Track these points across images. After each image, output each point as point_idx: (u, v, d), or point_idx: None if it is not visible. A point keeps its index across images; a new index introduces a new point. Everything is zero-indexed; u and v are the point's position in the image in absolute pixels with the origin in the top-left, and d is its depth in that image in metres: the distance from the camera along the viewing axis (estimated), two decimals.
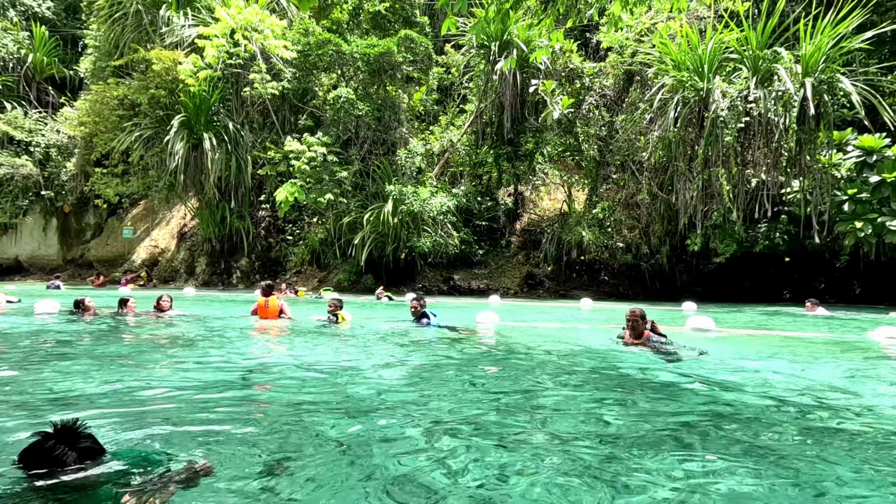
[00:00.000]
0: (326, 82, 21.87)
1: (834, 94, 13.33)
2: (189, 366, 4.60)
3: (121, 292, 14.79)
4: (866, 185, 14.76)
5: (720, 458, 2.30)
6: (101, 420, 2.91)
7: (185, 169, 20.17)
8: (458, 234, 18.94)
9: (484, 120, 19.77)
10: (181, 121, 20.03)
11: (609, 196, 18.71)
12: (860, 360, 5.43)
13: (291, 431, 2.70)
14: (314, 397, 3.51)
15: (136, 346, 5.90)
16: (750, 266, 17.89)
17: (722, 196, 15.02)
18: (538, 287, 19.35)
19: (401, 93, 20.40)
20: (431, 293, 18.40)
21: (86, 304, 8.51)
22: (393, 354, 5.34)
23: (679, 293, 17.98)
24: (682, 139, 14.84)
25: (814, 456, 2.38)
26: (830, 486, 2.01)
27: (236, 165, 20.90)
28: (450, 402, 3.35)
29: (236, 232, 22.41)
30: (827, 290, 18.42)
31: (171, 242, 25.97)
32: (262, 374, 4.46)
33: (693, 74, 14.34)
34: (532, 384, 4.04)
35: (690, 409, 3.21)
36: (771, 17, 13.45)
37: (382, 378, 4.16)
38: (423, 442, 2.55)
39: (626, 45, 16.69)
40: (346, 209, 19.30)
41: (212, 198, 21.16)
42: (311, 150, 18.45)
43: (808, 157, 14.18)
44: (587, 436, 2.67)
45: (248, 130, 21.31)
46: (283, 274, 22.27)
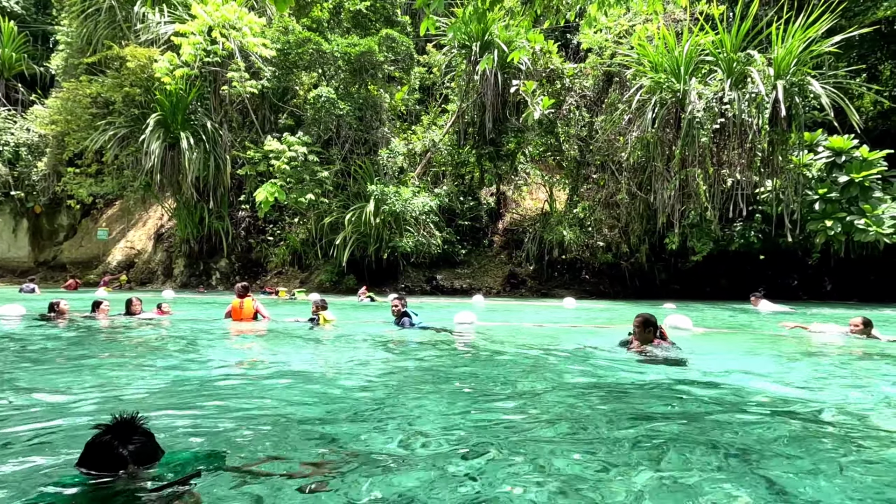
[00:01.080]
0: (307, 81, 21.65)
1: (804, 96, 13.70)
2: (157, 370, 4.50)
3: (97, 295, 14.44)
4: (836, 184, 15.23)
5: (698, 461, 2.35)
6: (72, 426, 2.83)
7: (161, 168, 19.76)
8: (440, 234, 18.94)
9: (466, 120, 19.81)
10: (157, 119, 19.62)
11: (589, 196, 18.92)
12: (833, 358, 5.59)
13: (265, 435, 2.67)
14: (288, 400, 3.47)
15: (107, 349, 5.76)
16: (726, 264, 18.28)
17: (699, 196, 15.32)
18: (520, 286, 19.47)
19: (382, 92, 20.31)
20: (414, 293, 18.37)
21: (60, 307, 8.28)
22: (372, 356, 5.31)
23: (658, 291, 18.28)
24: (660, 140, 15.09)
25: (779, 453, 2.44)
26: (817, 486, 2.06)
27: (215, 165, 20.56)
28: (428, 403, 3.35)
29: (215, 233, 22.05)
30: (800, 286, 18.93)
31: (147, 244, 25.43)
32: (236, 377, 4.40)
33: (670, 76, 14.60)
34: (511, 384, 4.06)
35: (668, 412, 3.26)
36: (744, 21, 13.75)
37: (359, 379, 4.14)
38: (400, 444, 2.55)
39: (606, 46, 16.91)
40: (328, 209, 19.15)
41: (189, 198, 20.77)
42: (291, 149, 18.25)
43: (780, 158, 14.55)
44: (565, 438, 2.70)
45: (227, 130, 20.97)
46: (264, 275, 22.00)
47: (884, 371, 4.76)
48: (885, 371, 4.76)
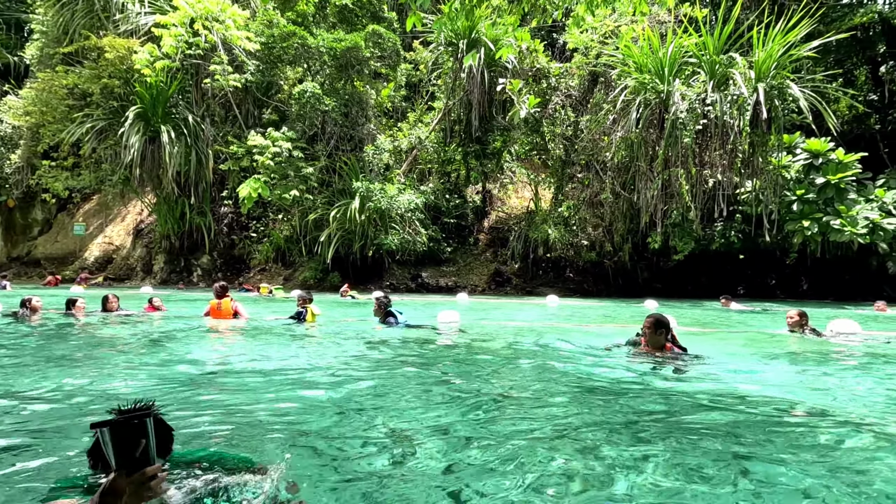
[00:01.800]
0: (291, 76, 21.39)
1: (784, 99, 13.99)
2: (134, 368, 4.41)
3: (71, 292, 14.09)
4: (813, 186, 15.60)
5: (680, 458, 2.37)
6: (44, 425, 2.75)
7: (141, 163, 19.33)
8: (425, 232, 18.90)
9: (452, 117, 19.79)
10: (137, 112, 19.19)
11: (574, 195, 19.07)
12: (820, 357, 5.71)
13: (248, 435, 2.62)
14: (268, 399, 3.42)
15: (82, 347, 5.62)
16: (707, 263, 18.59)
17: (681, 196, 15.56)
18: (505, 284, 19.55)
19: (368, 88, 20.17)
20: (399, 291, 18.31)
21: (32, 304, 8.04)
22: (355, 354, 5.27)
23: (640, 290, 18.51)
24: (644, 140, 15.27)
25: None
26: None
27: (196, 160, 20.20)
28: (411, 402, 3.34)
29: (197, 229, 21.67)
30: (778, 285, 19.36)
31: (126, 239, 24.89)
32: (214, 375, 4.32)
33: (654, 77, 14.77)
34: (494, 383, 4.06)
35: (652, 409, 3.29)
36: (727, 24, 13.98)
37: (342, 378, 4.10)
38: (381, 443, 2.53)
39: (591, 46, 17.03)
40: (312, 206, 18.95)
41: (170, 193, 20.37)
42: (275, 145, 18.01)
43: (760, 159, 14.84)
44: (546, 435, 2.71)
45: (209, 124, 20.61)
46: (247, 272, 21.71)
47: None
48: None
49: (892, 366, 4.95)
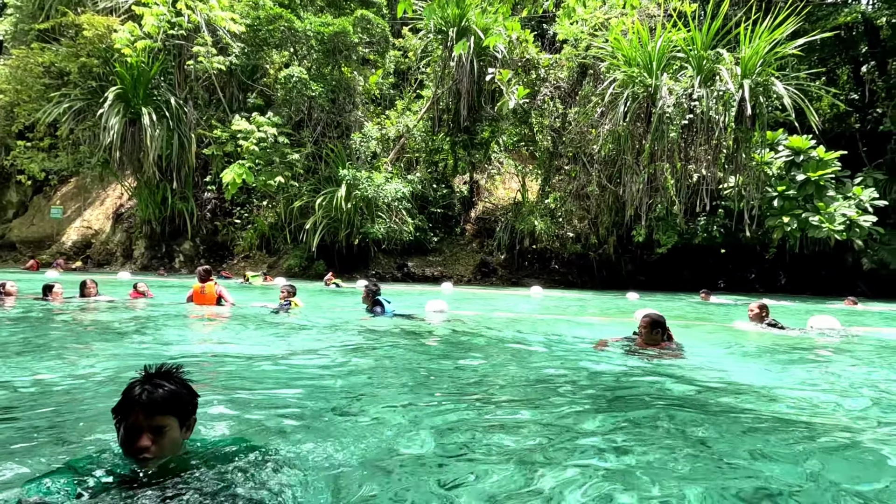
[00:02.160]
0: (278, 60, 20.99)
1: (768, 96, 14.18)
2: (115, 355, 4.33)
3: (47, 276, 13.78)
4: (793, 182, 15.90)
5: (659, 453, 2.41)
6: (17, 413, 2.70)
7: (121, 145, 18.85)
8: (412, 221, 18.84)
9: (440, 106, 19.65)
10: (117, 93, 18.67)
11: (561, 187, 19.16)
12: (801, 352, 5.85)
13: (229, 422, 2.60)
14: (253, 386, 3.39)
15: (59, 334, 5.51)
16: (690, 257, 18.90)
17: (666, 190, 15.74)
18: (491, 275, 19.63)
19: (356, 75, 19.90)
20: (385, 280, 18.27)
21: (7, 288, 7.85)
22: (341, 343, 5.25)
23: (624, 282, 18.75)
24: (631, 133, 15.37)
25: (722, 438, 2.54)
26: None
27: (179, 143, 19.78)
28: (396, 393, 3.34)
29: (179, 214, 21.28)
30: (757, 279, 19.78)
31: (105, 224, 24.35)
32: (196, 362, 4.27)
33: (642, 71, 14.83)
34: (482, 374, 4.09)
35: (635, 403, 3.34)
36: (715, 20, 14.07)
37: (326, 369, 4.09)
38: (366, 431, 2.53)
39: (581, 38, 17.01)
40: (298, 193, 18.74)
41: (151, 177, 19.94)
42: (260, 130, 17.72)
43: (744, 155, 15.06)
44: (527, 426, 2.74)
45: (193, 107, 20.16)
46: (231, 259, 21.44)
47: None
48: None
49: (866, 360, 5.11)
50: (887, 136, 17.37)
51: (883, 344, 6.26)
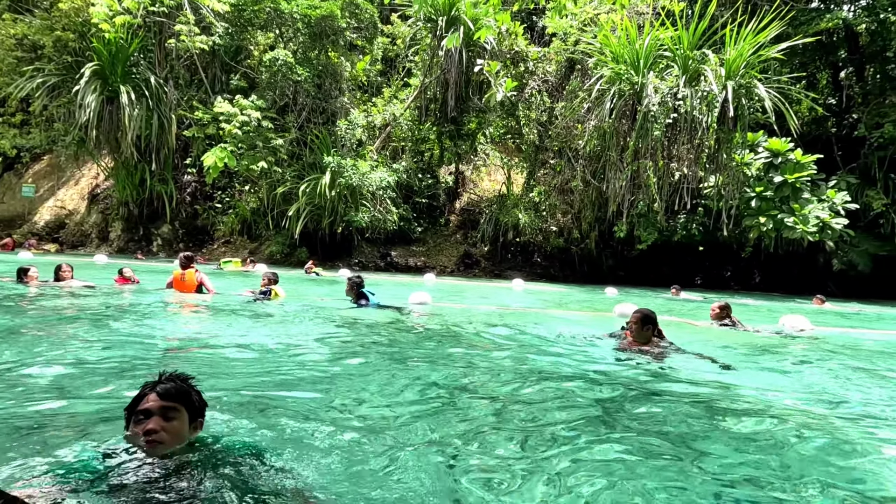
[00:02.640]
0: (262, 42, 20.54)
1: (751, 98, 14.42)
2: (91, 343, 4.27)
3: (20, 258, 13.39)
4: (771, 184, 16.27)
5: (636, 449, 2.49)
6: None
7: (97, 124, 18.28)
8: (396, 211, 18.78)
9: (428, 96, 19.52)
10: (94, 70, 18.06)
11: (546, 181, 19.28)
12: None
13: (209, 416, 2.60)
14: (232, 377, 3.39)
15: (32, 320, 5.39)
16: (669, 254, 19.26)
17: (648, 187, 15.97)
18: (474, 266, 19.73)
19: (343, 60, 19.60)
20: (368, 269, 18.23)
21: None
22: (323, 335, 5.25)
23: (604, 277, 19.04)
24: (616, 130, 15.51)
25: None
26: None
27: (158, 124, 19.28)
28: (377, 386, 3.37)
29: (158, 196, 20.82)
30: (733, 277, 20.29)
31: (80, 204, 23.69)
32: (176, 353, 4.24)
33: (629, 68, 14.93)
34: (463, 368, 4.14)
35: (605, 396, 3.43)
36: (702, 20, 14.21)
37: (308, 360, 4.09)
38: (347, 423, 2.56)
39: (570, 32, 17.02)
40: (281, 179, 18.49)
41: (129, 157, 19.42)
42: (243, 113, 17.37)
43: (724, 156, 15.34)
44: (505, 421, 2.80)
45: (173, 87, 19.63)
46: (211, 243, 21.10)
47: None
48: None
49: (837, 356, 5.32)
50: (861, 140, 17.87)
51: (851, 343, 6.51)
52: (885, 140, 16.88)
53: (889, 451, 2.44)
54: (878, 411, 3.30)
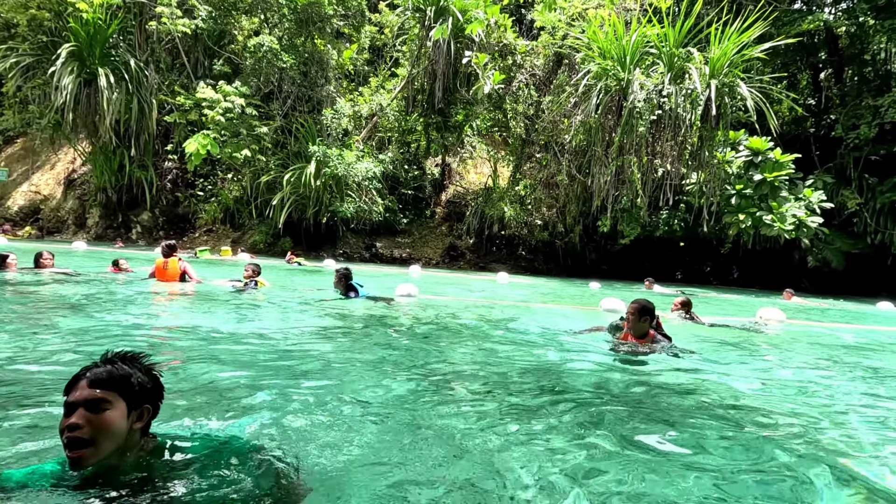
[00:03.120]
0: (247, 27, 20.13)
1: (733, 97, 14.66)
2: (69, 333, 4.20)
3: None
4: (751, 182, 16.61)
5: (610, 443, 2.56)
6: None
7: (74, 107, 17.78)
8: (382, 202, 18.70)
9: (415, 87, 19.39)
10: (70, 50, 17.52)
11: (531, 174, 19.37)
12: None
13: (196, 405, 2.61)
14: (218, 367, 3.38)
15: (11, 308, 5.28)
16: (651, 248, 19.58)
17: (632, 183, 16.16)
18: (459, 259, 19.79)
19: (330, 48, 19.34)
20: (353, 260, 18.15)
21: None
22: (310, 327, 5.25)
23: (588, 271, 19.29)
24: (602, 126, 15.64)
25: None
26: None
27: (138, 108, 18.83)
28: (363, 379, 3.39)
29: (137, 183, 20.38)
30: (712, 272, 20.73)
31: (56, 189, 23.05)
32: (160, 342, 4.20)
33: (616, 64, 15.04)
34: (444, 358, 4.19)
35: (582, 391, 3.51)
36: (688, 18, 14.35)
37: (297, 349, 4.10)
38: (335, 413, 2.59)
39: (559, 27, 17.05)
40: (265, 167, 18.25)
41: (108, 142, 18.94)
42: (227, 99, 17.07)
43: (707, 153, 15.60)
44: (502, 421, 2.85)
45: (154, 71, 19.17)
46: (192, 232, 20.76)
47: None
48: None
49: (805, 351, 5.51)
50: (838, 141, 18.33)
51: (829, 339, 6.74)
52: (861, 141, 17.34)
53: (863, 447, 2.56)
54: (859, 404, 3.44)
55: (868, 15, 17.73)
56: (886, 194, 16.98)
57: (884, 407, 3.36)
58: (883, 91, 17.56)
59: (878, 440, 2.67)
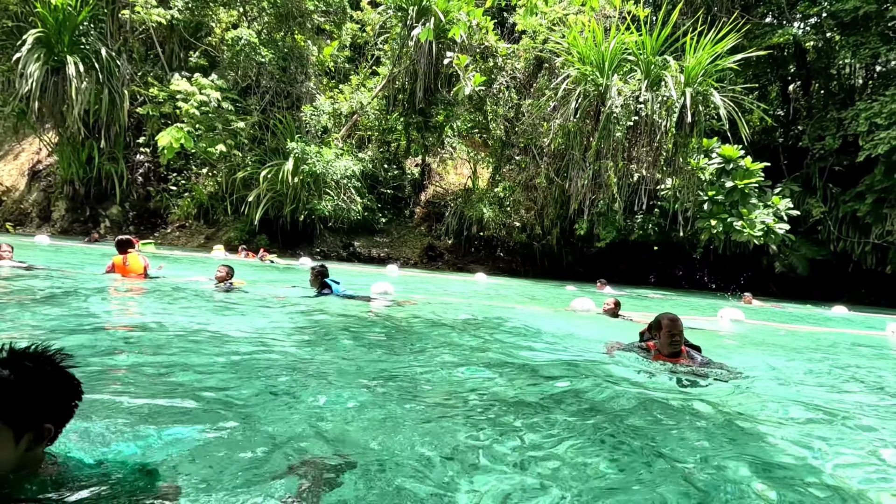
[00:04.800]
0: (225, 19, 19.74)
1: (707, 105, 15.06)
2: (29, 329, 4.04)
3: None
4: (723, 189, 17.07)
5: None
6: None
7: (41, 95, 17.12)
8: (361, 200, 18.56)
9: (396, 86, 19.31)
10: (37, 37, 16.87)
11: (511, 176, 19.51)
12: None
13: (160, 404, 2.53)
14: (184, 364, 3.30)
15: None
16: (625, 252, 19.93)
17: (609, 187, 16.42)
18: (438, 259, 19.78)
19: (310, 44, 19.11)
20: (330, 258, 17.96)
21: None
22: (283, 325, 5.16)
23: (564, 273, 19.51)
24: (580, 130, 15.86)
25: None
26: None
27: (109, 99, 18.24)
28: (336, 379, 3.35)
29: (106, 176, 19.73)
30: (684, 276, 21.22)
31: (19, 180, 22.15)
32: (121, 340, 4.07)
33: (595, 70, 15.28)
34: (418, 357, 4.17)
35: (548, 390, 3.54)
36: (665, 27, 14.69)
37: (266, 351, 4.01)
38: (303, 412, 2.55)
39: (540, 31, 17.23)
40: (241, 163, 17.91)
41: (76, 133, 18.30)
42: (202, 93, 16.69)
43: (681, 159, 15.97)
44: (462, 413, 2.85)
45: (127, 61, 18.60)
46: (164, 227, 20.22)
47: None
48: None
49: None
50: (805, 151, 19.00)
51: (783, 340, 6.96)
52: (826, 152, 18.02)
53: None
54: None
55: (834, 31, 18.45)
56: (848, 203, 17.67)
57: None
58: (847, 104, 18.29)
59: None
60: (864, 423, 2.95)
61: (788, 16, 19.64)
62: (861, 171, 17.08)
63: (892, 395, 3.91)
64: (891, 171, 16.00)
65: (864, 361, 5.48)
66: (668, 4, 17.10)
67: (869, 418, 3.08)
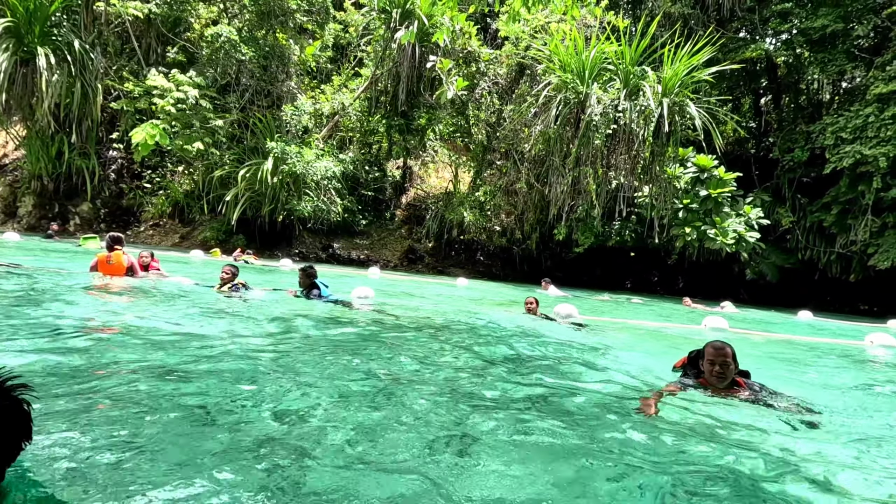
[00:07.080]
0: (205, 15, 19.40)
1: (683, 115, 15.45)
2: (9, 329, 3.91)
3: None
4: (697, 197, 17.52)
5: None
6: None
7: (9, 87, 16.51)
8: (341, 202, 18.43)
9: (379, 87, 19.27)
10: (6, 26, 16.28)
11: (492, 181, 19.65)
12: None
13: (136, 406, 2.48)
14: (164, 366, 3.24)
15: None
16: (603, 257, 20.26)
17: (588, 193, 16.70)
18: (418, 262, 19.77)
19: (292, 43, 18.92)
20: (308, 260, 17.76)
21: None
22: (264, 328, 5.10)
23: (543, 277, 19.69)
24: (560, 136, 16.09)
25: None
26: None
27: (81, 93, 17.70)
28: (316, 384, 3.34)
29: (77, 172, 19.14)
30: (659, 282, 21.68)
31: None
32: (101, 339, 3.97)
33: (575, 78, 15.53)
34: (406, 359, 4.18)
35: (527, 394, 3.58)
36: (644, 38, 15.04)
37: (243, 354, 3.95)
38: (287, 415, 2.53)
39: (522, 38, 17.43)
40: (219, 162, 17.60)
41: (45, 127, 17.69)
42: (179, 89, 16.36)
43: (658, 168, 16.34)
44: (440, 414, 2.87)
45: (101, 54, 18.10)
46: (137, 225, 19.71)
47: None
48: None
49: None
50: (775, 162, 19.66)
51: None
52: (795, 164, 18.67)
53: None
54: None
55: (804, 47, 19.16)
56: (815, 214, 18.34)
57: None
58: (815, 118, 19.00)
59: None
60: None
61: (761, 31, 20.31)
62: (827, 182, 17.75)
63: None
64: (855, 183, 16.67)
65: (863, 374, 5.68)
66: (647, 16, 17.53)
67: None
